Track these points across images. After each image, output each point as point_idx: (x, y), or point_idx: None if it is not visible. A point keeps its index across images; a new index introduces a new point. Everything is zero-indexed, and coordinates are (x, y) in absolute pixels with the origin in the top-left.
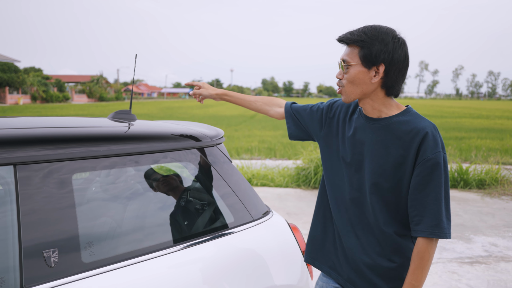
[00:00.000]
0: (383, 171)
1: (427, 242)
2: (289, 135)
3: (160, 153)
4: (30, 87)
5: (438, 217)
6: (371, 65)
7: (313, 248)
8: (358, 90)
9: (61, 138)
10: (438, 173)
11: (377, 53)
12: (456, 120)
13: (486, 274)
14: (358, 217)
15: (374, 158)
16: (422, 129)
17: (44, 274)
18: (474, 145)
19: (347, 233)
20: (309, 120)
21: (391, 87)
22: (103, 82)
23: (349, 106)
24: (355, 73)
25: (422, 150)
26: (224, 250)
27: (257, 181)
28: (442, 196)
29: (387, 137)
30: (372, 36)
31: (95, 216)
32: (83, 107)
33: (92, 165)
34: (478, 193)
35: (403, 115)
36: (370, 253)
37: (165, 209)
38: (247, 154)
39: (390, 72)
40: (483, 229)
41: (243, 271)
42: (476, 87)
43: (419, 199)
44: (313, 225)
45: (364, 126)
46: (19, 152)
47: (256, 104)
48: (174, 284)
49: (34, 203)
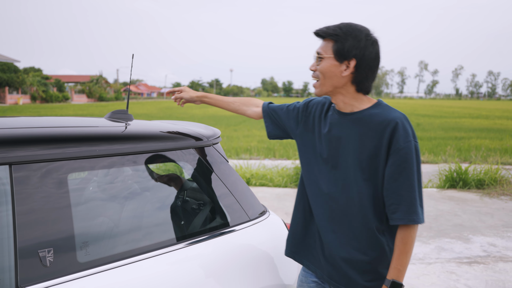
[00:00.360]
0: (359, 164)
1: (408, 228)
2: (267, 133)
3: (157, 153)
4: (30, 87)
5: (413, 204)
6: (343, 59)
7: (294, 242)
8: (329, 83)
9: (57, 138)
10: (410, 162)
11: (349, 48)
12: (456, 120)
13: (484, 274)
14: (335, 212)
15: (350, 152)
16: (393, 120)
17: (40, 273)
18: (473, 145)
19: (324, 228)
20: (286, 119)
21: (361, 82)
22: (103, 82)
23: (324, 104)
24: (327, 65)
25: (394, 140)
26: (220, 250)
27: (256, 181)
28: (415, 183)
29: (360, 130)
30: (346, 31)
31: (91, 216)
32: (83, 107)
33: (88, 165)
34: (477, 193)
35: (374, 108)
36: (347, 248)
37: (162, 209)
38: (246, 154)
39: (360, 68)
40: (481, 229)
41: (239, 271)
42: (476, 87)
43: (393, 188)
44: (294, 220)
45: (338, 122)
46: (15, 152)
47: (234, 105)
48: (170, 284)
49: (30, 203)
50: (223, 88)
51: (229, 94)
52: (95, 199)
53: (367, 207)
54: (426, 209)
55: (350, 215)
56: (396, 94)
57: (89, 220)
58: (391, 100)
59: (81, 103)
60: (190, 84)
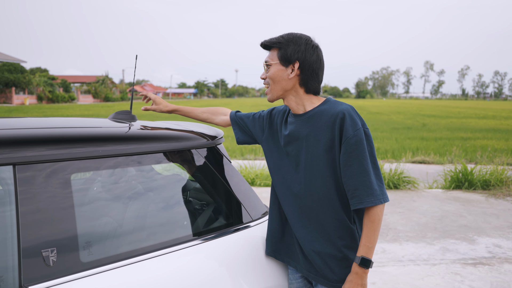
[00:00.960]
0: (319, 159)
1: (372, 209)
2: (236, 139)
3: (160, 154)
4: (36, 88)
5: (369, 187)
6: (288, 63)
7: (273, 241)
8: (278, 87)
9: (60, 138)
10: (361, 148)
11: (291, 53)
12: (462, 120)
13: (489, 275)
14: (304, 208)
15: (309, 149)
16: (340, 112)
17: (43, 273)
18: (479, 145)
19: (296, 224)
20: (252, 127)
21: (308, 83)
22: (109, 83)
23: (285, 111)
24: (274, 71)
25: (344, 131)
26: (222, 250)
27: (261, 181)
28: (369, 167)
29: (314, 127)
30: (288, 39)
31: (94, 216)
32: (89, 107)
33: (91, 166)
34: (483, 194)
35: (322, 105)
36: (319, 240)
37: (165, 209)
38: (251, 154)
39: (304, 69)
40: (487, 230)
41: (240, 271)
42: (482, 87)
43: (349, 174)
44: (270, 219)
45: (295, 123)
46: (19, 152)
47: (203, 115)
48: (172, 284)
49: (33, 203)
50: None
51: (234, 94)
52: (98, 200)
53: (334, 199)
54: (431, 209)
55: (319, 209)
56: (402, 95)
57: (92, 220)
58: (396, 101)
59: (87, 104)
60: (195, 84)
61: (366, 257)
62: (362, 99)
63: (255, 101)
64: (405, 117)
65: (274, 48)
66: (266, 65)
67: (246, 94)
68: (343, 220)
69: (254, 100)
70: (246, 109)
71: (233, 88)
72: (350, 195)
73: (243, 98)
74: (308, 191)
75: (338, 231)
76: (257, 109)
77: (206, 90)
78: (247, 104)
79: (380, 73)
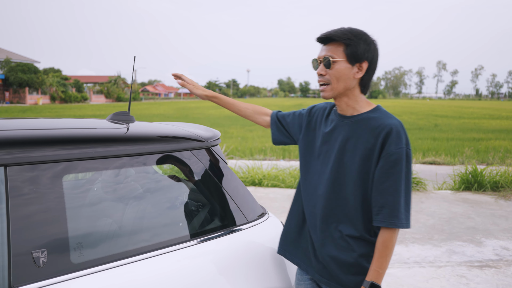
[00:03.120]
0: (354, 166)
1: (389, 231)
2: (272, 140)
3: (155, 155)
4: (49, 88)
5: (396, 208)
6: (355, 62)
7: (286, 241)
8: (342, 85)
9: (52, 139)
10: (399, 167)
11: (362, 52)
12: (475, 121)
13: (495, 278)
14: (325, 211)
15: (345, 154)
16: (388, 125)
17: (33, 274)
18: (491, 146)
19: (315, 227)
20: (291, 125)
21: (366, 84)
22: (121, 83)
23: (325, 108)
24: (340, 68)
25: (386, 145)
26: (217, 253)
27: (268, 182)
28: (402, 189)
29: (357, 132)
30: (357, 35)
31: (86, 217)
32: (101, 107)
33: (83, 167)
34: (493, 196)
35: (372, 112)
36: (337, 246)
37: (159, 210)
38: (260, 154)
39: (369, 70)
40: (495, 232)
41: (235, 273)
42: (496, 87)
43: (380, 190)
44: (288, 219)
45: (338, 124)
46: (10, 153)
47: (247, 111)
48: (165, 285)
49: (24, 204)
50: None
51: (246, 94)
52: (90, 201)
53: (358, 208)
54: (439, 211)
55: (341, 215)
56: (414, 95)
57: (84, 221)
58: (409, 101)
59: (100, 104)
60: (207, 85)
61: (376, 282)
62: (374, 99)
63: (267, 101)
64: (417, 117)
65: (338, 43)
66: (331, 61)
67: (257, 94)
68: (363, 230)
69: (266, 100)
70: None
71: (245, 88)
72: (375, 211)
73: (255, 98)
74: (333, 195)
75: (357, 240)
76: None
77: (217, 90)
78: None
79: (393, 73)
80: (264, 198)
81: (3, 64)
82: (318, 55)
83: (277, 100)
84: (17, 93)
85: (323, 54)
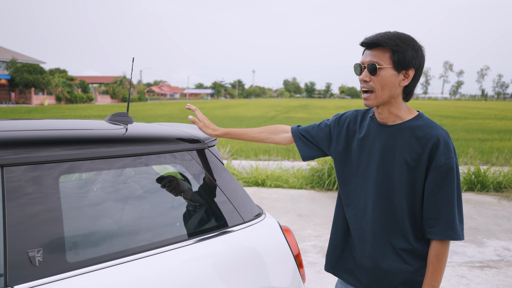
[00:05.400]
0: (399, 176)
1: (443, 244)
2: (302, 156)
3: (152, 155)
4: (55, 88)
5: (451, 220)
6: (401, 69)
7: (333, 257)
8: (387, 93)
9: (49, 140)
10: (451, 178)
11: (409, 59)
12: (480, 121)
13: (496, 278)
14: (374, 225)
15: (389, 164)
16: (435, 136)
17: (29, 273)
18: (496, 147)
19: (363, 242)
20: (318, 138)
21: (410, 92)
22: (126, 83)
23: (356, 116)
24: (387, 75)
25: (435, 156)
26: (213, 253)
27: (271, 182)
28: (455, 199)
29: (401, 141)
30: (404, 41)
31: (82, 217)
32: (106, 108)
33: (80, 167)
34: (495, 196)
35: (415, 120)
36: (387, 260)
37: (155, 210)
38: (265, 155)
39: (415, 78)
40: (497, 232)
41: (231, 273)
42: (502, 88)
43: (433, 202)
44: (333, 234)
45: (376, 133)
46: (7, 154)
47: (262, 136)
48: (159, 285)
49: (21, 203)
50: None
51: (251, 94)
52: (87, 200)
53: (406, 219)
54: None
55: (390, 227)
56: (420, 95)
57: (80, 220)
58: (414, 101)
59: (105, 104)
60: (212, 85)
61: None
62: None
63: (272, 101)
64: None
65: (384, 49)
66: (377, 67)
67: (263, 94)
68: (414, 242)
69: (271, 100)
70: (264, 109)
71: (250, 89)
72: (429, 224)
73: (260, 99)
74: (381, 207)
75: (409, 253)
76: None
77: (223, 91)
78: (265, 104)
79: None
80: (267, 199)
81: (9, 64)
82: (362, 60)
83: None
84: (23, 93)
85: (368, 59)
